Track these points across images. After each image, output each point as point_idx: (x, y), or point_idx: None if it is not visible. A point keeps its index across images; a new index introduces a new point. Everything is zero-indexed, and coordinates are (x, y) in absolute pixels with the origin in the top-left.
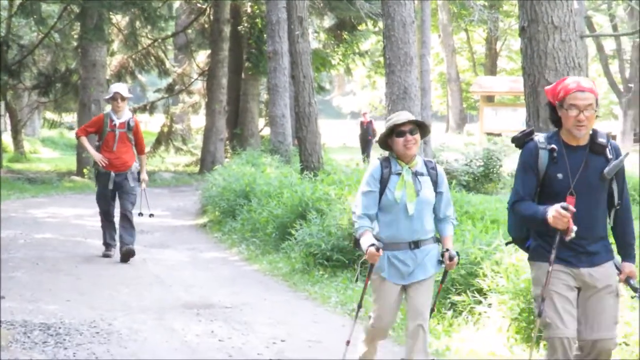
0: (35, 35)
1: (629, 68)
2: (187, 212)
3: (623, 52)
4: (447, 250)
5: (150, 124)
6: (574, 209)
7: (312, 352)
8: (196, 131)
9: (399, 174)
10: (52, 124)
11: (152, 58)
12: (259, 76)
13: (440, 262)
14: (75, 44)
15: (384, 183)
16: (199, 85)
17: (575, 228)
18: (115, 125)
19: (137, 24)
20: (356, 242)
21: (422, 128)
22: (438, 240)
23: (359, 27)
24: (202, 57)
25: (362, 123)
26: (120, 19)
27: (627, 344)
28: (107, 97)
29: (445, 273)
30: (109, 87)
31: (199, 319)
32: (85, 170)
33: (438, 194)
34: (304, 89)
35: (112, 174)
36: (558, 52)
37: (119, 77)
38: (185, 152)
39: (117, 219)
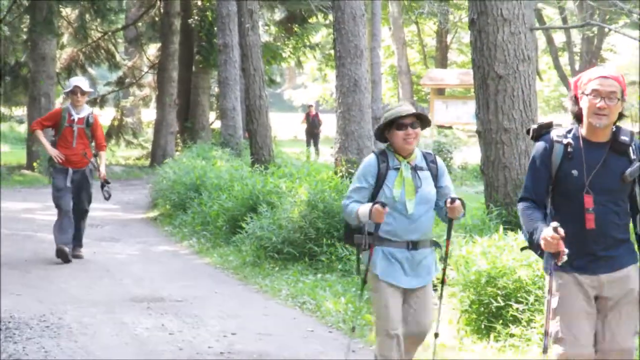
0: None
1: (578, 60)
2: (138, 206)
3: (573, 45)
4: (450, 197)
5: (101, 118)
6: (563, 234)
7: (262, 344)
8: (147, 124)
9: (397, 169)
10: (2, 118)
11: (102, 51)
12: (209, 69)
13: (445, 215)
14: (24, 37)
15: (380, 179)
16: (150, 78)
17: (567, 251)
18: (73, 120)
19: (87, 17)
20: (347, 236)
21: (423, 121)
22: (436, 243)
23: (310, 20)
24: (152, 50)
25: (308, 115)
26: (70, 12)
27: None
28: (66, 90)
29: (450, 223)
30: (68, 80)
31: (149, 312)
32: (35, 164)
33: (439, 189)
34: (254, 82)
35: (70, 170)
36: (507, 45)
37: (69, 70)
38: (135, 145)
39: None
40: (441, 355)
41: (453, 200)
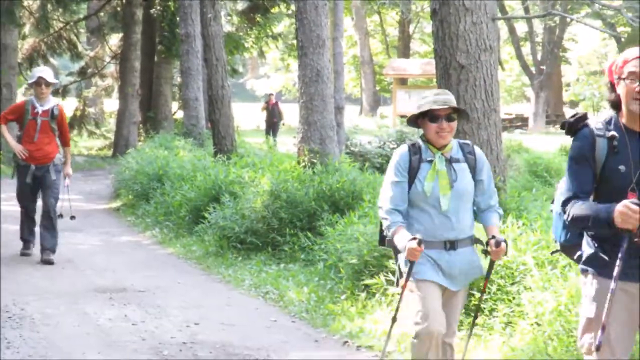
0: None
1: (540, 50)
2: (100, 196)
3: (535, 35)
4: (493, 237)
5: (63, 108)
6: None
7: (225, 334)
8: (109, 115)
9: (431, 161)
10: None
11: (64, 41)
12: (172, 59)
13: (485, 252)
14: None
15: (412, 172)
16: (112, 68)
17: None
18: (37, 113)
19: (49, 7)
20: (382, 240)
21: (460, 114)
22: (477, 240)
23: (272, 10)
24: (114, 40)
25: (268, 104)
26: (31, 2)
27: (538, 324)
28: (30, 81)
29: (491, 265)
30: (32, 71)
31: (112, 303)
32: None
33: (478, 182)
34: (216, 72)
35: (32, 167)
36: (469, 34)
37: (30, 60)
38: (98, 135)
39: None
40: (404, 344)
41: (498, 243)
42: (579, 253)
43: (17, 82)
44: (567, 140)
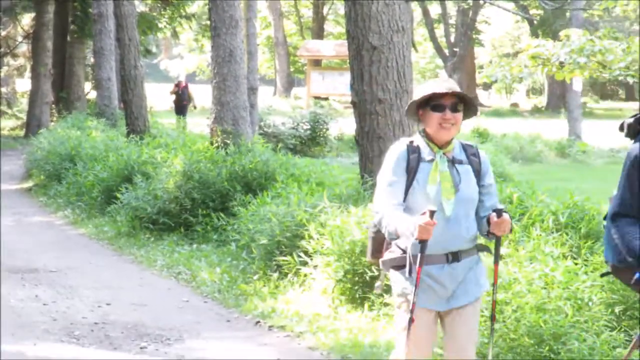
0: None
1: (454, 32)
2: (12, 177)
3: (448, 17)
4: (494, 210)
5: None
6: None
7: (137, 314)
8: (21, 95)
9: (431, 161)
10: None
11: None
12: (84, 39)
13: (488, 234)
14: None
15: (410, 173)
16: (24, 48)
17: None
18: None
19: None
20: (376, 250)
21: (467, 105)
22: (482, 248)
23: None
24: (27, 20)
25: (177, 87)
26: None
27: None
28: None
29: (498, 242)
30: None
31: (23, 283)
32: None
33: (482, 187)
34: (129, 52)
35: None
36: (382, 15)
37: None
38: (10, 116)
39: None
40: (316, 324)
41: (499, 213)
42: (636, 276)
43: None
44: (481, 122)
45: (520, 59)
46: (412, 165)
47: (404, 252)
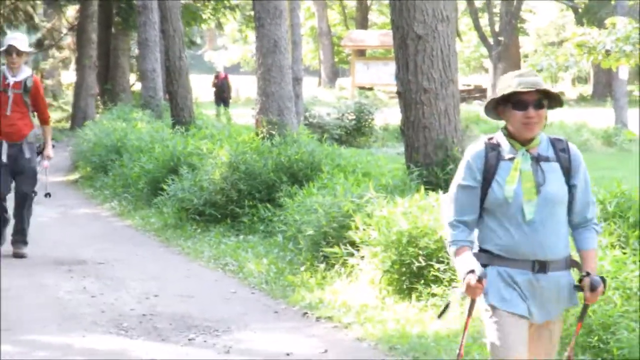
0: None
1: (498, 21)
2: (58, 169)
3: (493, 6)
4: (588, 274)
5: (39, 80)
6: None
7: (184, 306)
8: (67, 87)
9: (512, 159)
10: None
11: (21, 13)
12: (129, 31)
13: (577, 288)
14: None
15: (489, 173)
16: (69, 40)
17: None
18: (8, 84)
19: None
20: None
21: (552, 100)
22: (574, 264)
23: None
24: (71, 11)
25: (217, 79)
26: None
27: None
28: (1, 49)
29: (585, 308)
30: (4, 38)
31: (70, 275)
32: None
33: (572, 187)
34: (174, 43)
35: (4, 144)
36: (426, 5)
37: None
38: (55, 108)
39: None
40: (363, 315)
41: (594, 286)
42: None
43: None
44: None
45: (565, 48)
46: (491, 164)
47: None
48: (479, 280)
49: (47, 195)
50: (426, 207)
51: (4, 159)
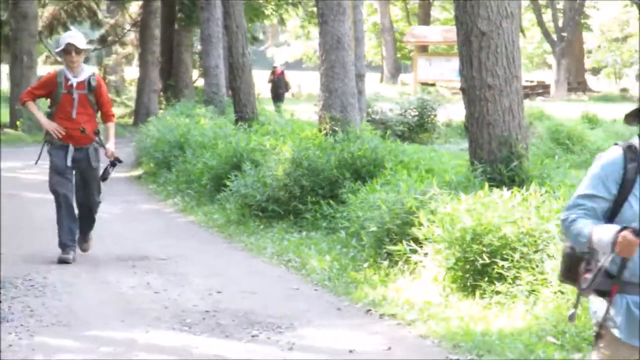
0: None
1: (561, 17)
2: (122, 164)
3: (556, 2)
4: None
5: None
6: None
7: (247, 302)
8: (130, 82)
9: None
10: None
11: (84, 9)
12: (192, 27)
13: None
14: None
15: (625, 188)
16: (132, 36)
17: None
18: (72, 85)
19: None
20: (568, 271)
21: None
22: None
23: None
24: (134, 8)
25: (273, 75)
26: None
27: (562, 292)
28: (58, 49)
29: None
30: (60, 37)
31: (134, 271)
32: (18, 123)
33: None
34: (237, 40)
35: (71, 147)
36: (490, 1)
37: (50, 28)
38: (119, 103)
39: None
40: (427, 312)
41: None
42: None
43: (37, 50)
44: (590, 108)
45: (630, 44)
46: (629, 178)
47: (610, 275)
48: (636, 233)
49: (105, 177)
50: (490, 204)
51: (69, 162)
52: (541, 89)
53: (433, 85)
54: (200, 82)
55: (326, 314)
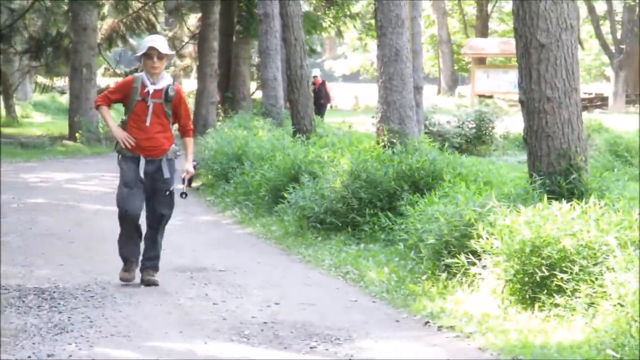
0: (25, 0)
1: (620, 29)
2: (180, 176)
3: (614, 13)
4: None
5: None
6: None
7: (306, 314)
8: (188, 94)
9: None
10: (44, 89)
11: (143, 22)
12: (250, 39)
13: None
14: (65, 7)
15: None
16: (190, 48)
17: None
18: (148, 93)
19: None
20: None
21: None
22: None
23: None
24: (192, 20)
25: (313, 83)
26: None
27: (621, 305)
28: (138, 53)
29: None
30: (142, 41)
31: (192, 282)
32: (77, 135)
33: None
34: (295, 52)
35: (142, 159)
36: (550, 13)
37: (109, 41)
38: None
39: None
40: (485, 325)
41: None
42: None
43: (96, 62)
44: None
45: None
46: None
47: None
48: None
49: (183, 195)
50: (549, 217)
51: (140, 175)
52: (599, 101)
53: (490, 97)
54: (258, 95)
55: (384, 326)
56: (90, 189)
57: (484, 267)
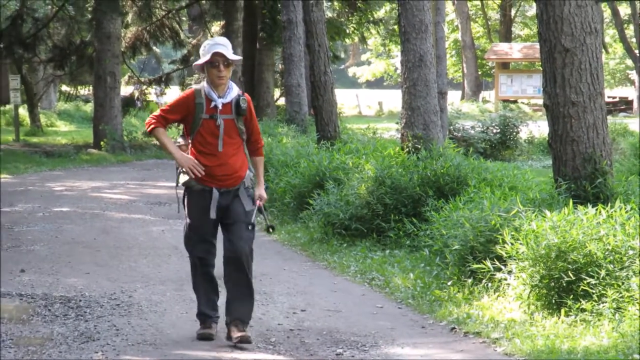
0: (49, 9)
1: None
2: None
3: (638, 17)
4: None
5: (166, 96)
6: None
7: (331, 321)
8: None
9: None
10: (68, 97)
11: (167, 29)
12: (273, 46)
13: None
14: (89, 16)
15: None
16: None
17: None
18: (216, 108)
19: None
20: None
21: None
22: None
23: None
24: (216, 27)
25: None
26: None
27: None
28: (200, 62)
29: None
30: (203, 46)
31: (219, 289)
32: (102, 143)
33: None
34: (319, 58)
35: (216, 192)
36: (574, 17)
37: (133, 49)
38: None
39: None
40: (511, 330)
41: None
42: None
43: (121, 70)
44: None
45: None
46: None
47: None
48: None
49: (271, 228)
50: (575, 221)
51: (213, 214)
52: (624, 105)
53: (514, 102)
54: (281, 101)
55: (411, 332)
56: (115, 197)
57: (509, 272)
